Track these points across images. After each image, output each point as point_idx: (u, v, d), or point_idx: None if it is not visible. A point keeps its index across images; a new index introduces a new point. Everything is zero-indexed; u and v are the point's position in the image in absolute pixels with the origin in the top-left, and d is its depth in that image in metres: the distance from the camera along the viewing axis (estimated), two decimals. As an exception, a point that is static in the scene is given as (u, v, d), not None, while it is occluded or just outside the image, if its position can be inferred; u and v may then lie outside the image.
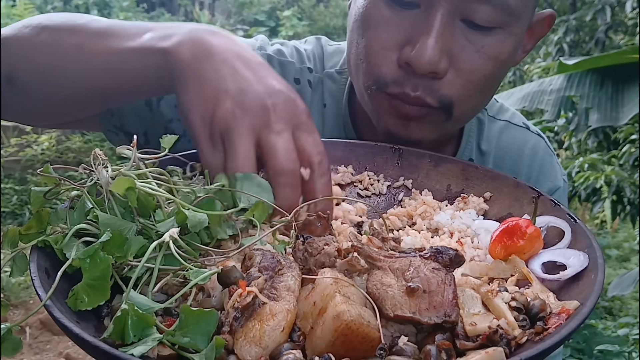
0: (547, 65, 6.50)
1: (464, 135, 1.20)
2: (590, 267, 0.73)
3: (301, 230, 0.76)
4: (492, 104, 1.27)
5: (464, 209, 0.94)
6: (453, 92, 0.98)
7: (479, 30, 0.96)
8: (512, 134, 1.24)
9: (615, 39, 8.03)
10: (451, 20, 0.94)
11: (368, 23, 0.99)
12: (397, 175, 1.03)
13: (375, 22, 0.98)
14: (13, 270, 0.72)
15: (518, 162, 1.21)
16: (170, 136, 0.84)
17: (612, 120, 3.56)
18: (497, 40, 0.97)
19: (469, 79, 0.98)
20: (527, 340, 0.64)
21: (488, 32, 0.96)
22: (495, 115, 1.26)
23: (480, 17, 0.94)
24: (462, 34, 0.96)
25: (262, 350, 0.60)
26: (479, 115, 1.22)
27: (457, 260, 0.69)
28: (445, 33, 0.94)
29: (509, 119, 1.26)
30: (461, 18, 0.95)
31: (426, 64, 0.93)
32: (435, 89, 0.97)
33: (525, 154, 1.22)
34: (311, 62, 1.21)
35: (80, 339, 0.58)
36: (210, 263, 0.69)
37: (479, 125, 1.22)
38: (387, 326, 0.65)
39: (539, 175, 1.22)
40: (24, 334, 4.24)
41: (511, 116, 1.27)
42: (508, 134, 1.24)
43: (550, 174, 1.23)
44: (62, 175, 0.75)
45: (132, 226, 0.70)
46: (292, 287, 0.65)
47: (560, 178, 1.25)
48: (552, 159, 1.26)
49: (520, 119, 1.28)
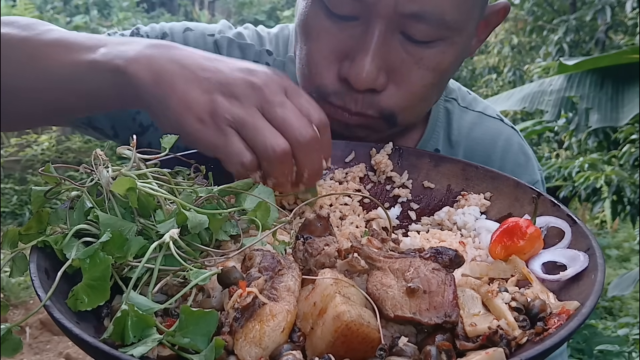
0: (547, 65, 6.50)
1: (428, 124, 1.18)
2: (590, 267, 0.73)
3: (301, 231, 0.76)
4: (464, 95, 1.25)
5: (466, 206, 0.95)
6: (393, 104, 0.98)
7: (417, 44, 0.95)
8: (485, 125, 1.21)
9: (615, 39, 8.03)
10: (390, 34, 0.93)
11: (309, 32, 0.99)
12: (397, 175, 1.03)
13: (316, 32, 0.98)
14: (13, 270, 0.72)
15: (490, 154, 1.18)
16: (170, 136, 0.83)
17: (612, 121, 3.56)
18: (438, 52, 0.96)
19: (409, 90, 0.98)
20: (527, 341, 0.64)
21: (427, 45, 0.95)
22: (468, 106, 1.23)
23: (417, 33, 0.93)
24: (401, 47, 0.95)
25: (262, 351, 0.59)
26: (447, 105, 1.20)
27: (457, 260, 0.69)
28: (383, 48, 0.93)
29: (482, 110, 1.23)
30: (400, 31, 0.94)
31: (363, 81, 0.94)
32: (375, 102, 0.98)
33: (498, 145, 1.19)
34: (272, 45, 1.20)
35: (80, 339, 0.58)
36: (210, 263, 0.69)
37: (447, 115, 1.20)
38: (387, 327, 0.65)
39: (515, 167, 1.18)
40: (24, 334, 4.25)
41: (484, 108, 1.25)
42: (481, 125, 1.21)
43: (527, 167, 1.20)
44: (63, 175, 0.75)
45: (132, 226, 0.70)
46: (292, 288, 0.65)
47: (537, 172, 1.22)
48: (528, 152, 1.23)
49: (494, 111, 1.26)
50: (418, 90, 0.99)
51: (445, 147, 1.19)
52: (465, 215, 0.93)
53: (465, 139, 1.19)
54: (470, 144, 1.19)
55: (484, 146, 1.19)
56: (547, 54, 8.03)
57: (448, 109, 1.21)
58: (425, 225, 0.96)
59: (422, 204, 1.01)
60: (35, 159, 6.94)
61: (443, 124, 1.19)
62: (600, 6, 6.98)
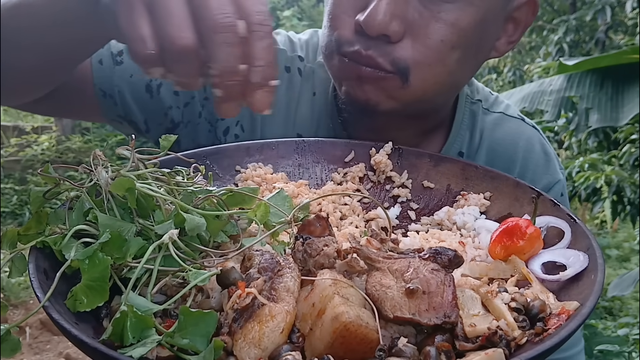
0: (547, 65, 6.50)
1: (453, 126, 1.18)
2: (590, 268, 0.73)
3: (300, 231, 0.76)
4: (487, 96, 1.26)
5: (465, 206, 0.95)
6: (407, 56, 0.98)
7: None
8: (506, 126, 1.22)
9: (615, 39, 8.04)
10: None
11: None
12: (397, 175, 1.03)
13: None
14: (12, 270, 0.72)
15: (512, 154, 1.19)
16: (170, 136, 0.83)
17: (612, 121, 3.56)
18: (456, 8, 0.97)
19: (426, 44, 0.97)
20: (527, 341, 0.64)
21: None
22: (490, 107, 1.24)
23: None
24: (418, 0, 0.96)
25: (261, 352, 0.59)
26: (472, 108, 1.21)
27: (456, 261, 0.69)
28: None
29: (503, 111, 1.24)
30: None
31: (376, 26, 0.94)
32: (387, 51, 0.98)
33: (520, 146, 1.20)
34: (303, 51, 1.21)
35: (78, 340, 0.58)
36: (210, 264, 0.69)
37: (472, 117, 1.21)
38: (387, 327, 0.64)
39: (536, 168, 1.19)
40: (23, 334, 4.25)
41: (505, 108, 1.25)
42: (502, 126, 1.22)
43: (549, 166, 1.21)
44: (62, 176, 0.75)
45: (131, 227, 0.70)
46: (291, 288, 0.65)
47: (559, 171, 1.22)
48: (549, 152, 1.23)
49: (515, 111, 1.26)
50: (435, 44, 0.98)
51: (469, 150, 1.19)
52: (464, 215, 0.93)
53: (487, 140, 1.20)
54: (492, 145, 1.20)
55: (505, 147, 1.20)
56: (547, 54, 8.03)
57: (473, 111, 1.21)
58: (424, 225, 0.96)
59: (421, 203, 1.01)
60: (35, 159, 6.95)
61: (468, 126, 1.20)
62: (600, 6, 6.98)
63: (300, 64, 1.19)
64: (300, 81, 1.19)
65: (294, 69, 1.19)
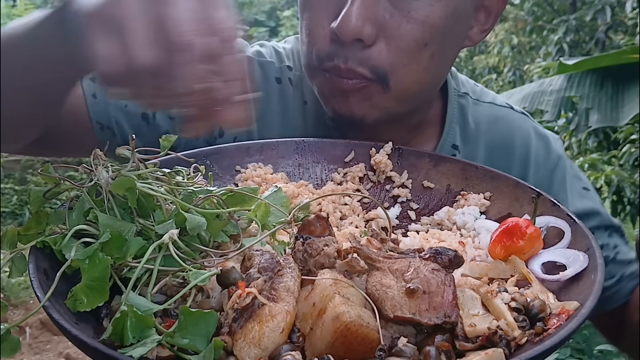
0: (547, 65, 6.50)
1: (446, 122, 1.19)
2: (590, 268, 0.73)
3: (300, 231, 0.76)
4: (473, 88, 1.26)
5: (465, 206, 0.95)
6: (384, 60, 0.98)
7: None
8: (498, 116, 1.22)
9: (615, 39, 8.04)
10: None
11: (304, 4, 1.03)
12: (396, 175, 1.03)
13: (309, 1, 1.02)
14: (12, 270, 0.72)
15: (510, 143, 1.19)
16: (170, 136, 0.83)
17: (612, 121, 3.56)
18: (425, 4, 0.97)
19: (399, 45, 0.98)
20: (527, 341, 0.64)
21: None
22: (479, 98, 1.24)
23: None
24: (388, 1, 0.96)
25: (261, 352, 0.59)
26: (460, 101, 1.21)
27: (457, 261, 0.69)
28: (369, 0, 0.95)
29: (492, 101, 1.25)
30: None
31: (350, 31, 0.95)
32: (365, 58, 0.98)
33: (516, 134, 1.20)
34: (290, 61, 1.21)
35: (78, 340, 0.58)
36: (210, 264, 0.69)
37: (461, 110, 1.21)
38: (387, 327, 0.64)
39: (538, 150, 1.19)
40: (23, 334, 4.24)
41: (494, 98, 1.26)
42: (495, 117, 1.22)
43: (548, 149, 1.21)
44: (62, 175, 0.75)
45: (131, 227, 0.70)
46: (291, 288, 0.65)
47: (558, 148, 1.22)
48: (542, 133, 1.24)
49: (502, 100, 1.27)
50: (408, 45, 0.98)
51: (463, 142, 1.19)
52: (464, 215, 0.93)
53: (483, 132, 1.20)
54: (489, 136, 1.20)
55: (502, 135, 1.20)
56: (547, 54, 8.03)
57: (462, 104, 1.22)
58: (424, 225, 0.96)
59: (421, 203, 1.01)
60: (35, 159, 6.93)
61: (458, 119, 1.20)
62: (600, 6, 6.99)
63: (290, 74, 1.19)
64: (292, 91, 1.18)
65: (284, 79, 1.18)
